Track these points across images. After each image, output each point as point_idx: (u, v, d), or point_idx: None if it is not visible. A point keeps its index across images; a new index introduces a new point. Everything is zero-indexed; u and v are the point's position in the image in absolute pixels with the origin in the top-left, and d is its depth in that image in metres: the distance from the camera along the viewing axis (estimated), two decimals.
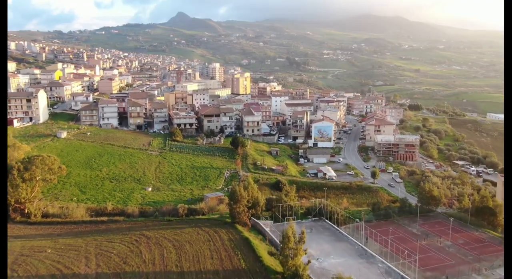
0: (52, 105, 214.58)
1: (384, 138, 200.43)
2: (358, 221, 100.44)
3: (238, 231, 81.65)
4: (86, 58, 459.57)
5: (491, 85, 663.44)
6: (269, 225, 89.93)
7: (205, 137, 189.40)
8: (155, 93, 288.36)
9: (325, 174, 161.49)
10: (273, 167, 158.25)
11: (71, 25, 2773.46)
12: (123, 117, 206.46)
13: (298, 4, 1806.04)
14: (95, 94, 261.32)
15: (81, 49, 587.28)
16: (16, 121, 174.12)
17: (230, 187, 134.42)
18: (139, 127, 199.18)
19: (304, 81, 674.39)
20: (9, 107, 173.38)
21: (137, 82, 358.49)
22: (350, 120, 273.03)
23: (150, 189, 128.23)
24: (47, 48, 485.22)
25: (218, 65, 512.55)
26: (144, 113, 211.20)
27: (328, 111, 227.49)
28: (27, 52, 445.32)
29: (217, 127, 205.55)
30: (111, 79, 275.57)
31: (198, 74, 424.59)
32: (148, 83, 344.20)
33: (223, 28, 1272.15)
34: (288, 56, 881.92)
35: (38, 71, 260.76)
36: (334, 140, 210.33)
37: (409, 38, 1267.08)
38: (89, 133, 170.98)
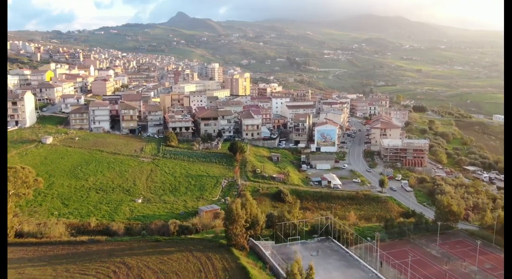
0: (41, 107, 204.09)
1: (391, 143, 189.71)
2: (369, 240, 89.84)
3: (235, 257, 70.92)
4: (82, 58, 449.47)
5: (494, 86, 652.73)
6: (269, 248, 79.23)
7: (201, 142, 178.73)
8: (151, 94, 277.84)
9: (329, 182, 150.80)
10: (274, 175, 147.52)
11: (71, 25, 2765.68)
12: (116, 121, 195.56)
13: (298, 4, 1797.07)
14: (88, 96, 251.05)
15: (77, 49, 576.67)
16: None
17: (227, 198, 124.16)
18: (132, 131, 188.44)
19: (304, 82, 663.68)
20: None
21: (133, 83, 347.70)
22: (353, 122, 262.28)
23: (140, 200, 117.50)
24: (42, 48, 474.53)
25: (217, 65, 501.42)
26: (138, 116, 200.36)
27: (331, 114, 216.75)
28: (22, 52, 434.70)
29: (214, 131, 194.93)
30: (105, 80, 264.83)
31: (196, 75, 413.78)
32: (144, 84, 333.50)
33: (223, 28, 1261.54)
34: (288, 56, 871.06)
35: (28, 72, 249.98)
36: (338, 144, 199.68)
37: (410, 38, 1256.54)
38: (77, 138, 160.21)
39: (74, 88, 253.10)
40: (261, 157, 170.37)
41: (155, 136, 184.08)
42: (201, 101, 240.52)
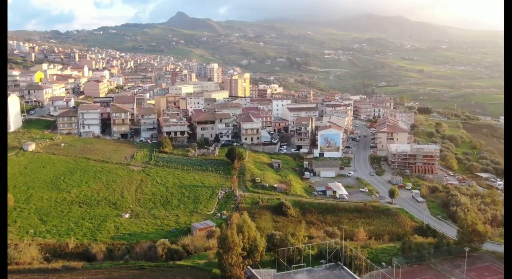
0: (28, 110, 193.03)
1: (399, 148, 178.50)
2: (384, 265, 78.89)
3: None
4: (77, 59, 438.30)
5: (497, 86, 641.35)
6: (270, 277, 68.21)
7: (197, 148, 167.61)
8: (147, 96, 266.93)
9: (334, 192, 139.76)
10: (275, 184, 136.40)
11: (71, 25, 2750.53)
12: (108, 124, 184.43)
13: (298, 3, 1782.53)
14: (80, 97, 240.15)
15: (74, 49, 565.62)
16: None
17: (224, 212, 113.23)
18: (124, 136, 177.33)
19: (305, 82, 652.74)
20: None
21: (129, 84, 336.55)
22: (357, 125, 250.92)
23: (127, 215, 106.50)
24: (37, 48, 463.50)
25: (216, 65, 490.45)
26: (130, 120, 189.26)
27: (335, 117, 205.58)
28: (16, 52, 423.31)
29: (212, 136, 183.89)
30: (98, 81, 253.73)
31: (194, 75, 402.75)
32: (140, 85, 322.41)
33: (223, 28, 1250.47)
34: (288, 56, 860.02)
35: (17, 73, 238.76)
36: (342, 149, 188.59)
37: (411, 38, 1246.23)
38: (63, 145, 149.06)
39: (66, 89, 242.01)
40: (261, 164, 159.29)
41: (148, 141, 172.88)
42: (198, 103, 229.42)
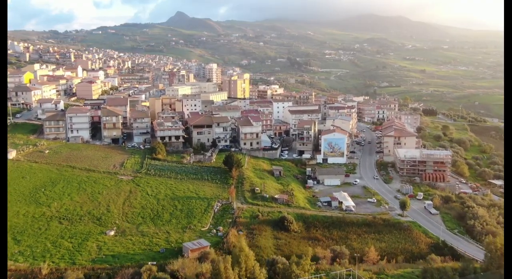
0: (15, 113, 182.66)
1: (407, 153, 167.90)
2: None
3: None
4: (73, 59, 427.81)
5: (501, 87, 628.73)
6: None
7: (193, 154, 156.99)
8: (142, 97, 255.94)
9: (340, 203, 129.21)
10: (276, 195, 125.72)
11: (71, 25, 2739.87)
12: (99, 128, 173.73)
13: (298, 3, 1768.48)
14: (72, 99, 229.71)
15: (70, 49, 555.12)
16: None
17: (220, 228, 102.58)
18: (115, 141, 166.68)
19: (306, 82, 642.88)
20: None
21: (124, 85, 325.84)
22: (362, 128, 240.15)
23: (112, 232, 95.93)
24: (32, 47, 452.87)
25: (215, 65, 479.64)
26: (123, 124, 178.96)
27: (339, 120, 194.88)
28: (10, 51, 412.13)
29: (208, 140, 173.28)
30: (91, 82, 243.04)
31: (192, 76, 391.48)
32: (136, 86, 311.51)
33: (223, 28, 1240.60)
34: (289, 56, 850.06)
35: None
36: (346, 155, 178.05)
37: (412, 38, 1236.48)
38: (47, 151, 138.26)
39: (57, 91, 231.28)
40: (261, 172, 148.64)
41: (141, 146, 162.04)
42: (195, 105, 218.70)
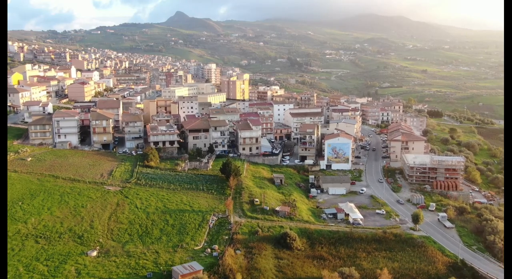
0: None
1: (416, 159, 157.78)
2: None
3: None
4: (68, 59, 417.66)
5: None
6: None
7: (188, 161, 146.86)
8: (137, 99, 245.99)
9: (347, 216, 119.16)
10: (277, 208, 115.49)
11: (71, 25, 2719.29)
12: (89, 133, 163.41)
13: (299, 3, 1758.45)
14: (63, 101, 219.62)
15: (67, 49, 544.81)
16: None
17: (215, 247, 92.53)
18: (106, 146, 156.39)
19: (306, 83, 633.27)
20: None
21: (120, 86, 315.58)
22: (366, 131, 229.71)
23: (94, 253, 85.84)
24: (26, 47, 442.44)
25: (214, 66, 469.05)
26: (114, 127, 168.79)
27: (343, 124, 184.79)
28: None
29: (205, 145, 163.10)
30: (84, 83, 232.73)
31: (190, 76, 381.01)
32: (132, 87, 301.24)
33: (223, 27, 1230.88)
34: (289, 56, 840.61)
35: None
36: (352, 160, 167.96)
37: (412, 38, 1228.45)
38: (30, 159, 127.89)
39: (47, 92, 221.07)
40: (260, 180, 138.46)
41: (132, 152, 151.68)
42: (191, 108, 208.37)
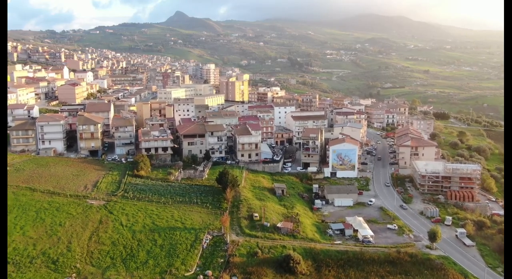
0: None
1: (428, 167, 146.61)
2: None
3: None
4: (63, 59, 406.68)
5: None
6: None
7: (182, 169, 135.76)
8: (132, 101, 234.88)
9: (356, 232, 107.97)
10: (278, 224, 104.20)
11: (70, 25, 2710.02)
12: (76, 138, 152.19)
13: (299, 3, 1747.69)
14: (52, 104, 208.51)
15: (63, 49, 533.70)
16: None
17: (208, 272, 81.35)
18: (94, 153, 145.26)
19: (307, 83, 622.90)
20: None
21: (114, 87, 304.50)
22: (372, 135, 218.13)
23: None
24: (20, 47, 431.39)
25: (213, 66, 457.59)
26: (104, 132, 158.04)
27: (348, 128, 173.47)
28: None
29: (201, 152, 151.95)
30: (75, 85, 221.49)
31: (188, 77, 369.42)
32: (127, 88, 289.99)
33: (222, 27, 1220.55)
34: (289, 56, 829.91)
35: None
36: (358, 167, 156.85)
37: (413, 38, 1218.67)
38: (7, 169, 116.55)
39: (36, 94, 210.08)
40: (260, 191, 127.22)
41: (122, 160, 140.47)
42: (187, 110, 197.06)
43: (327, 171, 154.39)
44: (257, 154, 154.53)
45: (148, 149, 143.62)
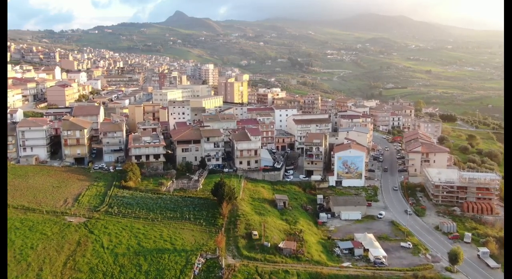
0: None
1: (441, 176, 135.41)
2: None
3: None
4: (58, 59, 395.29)
5: None
6: None
7: (175, 178, 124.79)
8: (126, 103, 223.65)
9: (366, 251, 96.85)
10: (280, 244, 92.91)
11: (70, 25, 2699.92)
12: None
13: (299, 3, 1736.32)
14: (40, 106, 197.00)
15: (58, 49, 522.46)
16: None
17: None
18: (80, 161, 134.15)
19: (308, 84, 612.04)
20: None
21: (109, 88, 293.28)
22: (377, 139, 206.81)
23: None
24: (14, 46, 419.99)
25: (211, 66, 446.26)
26: (92, 138, 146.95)
27: (354, 132, 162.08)
28: None
29: (196, 159, 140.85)
30: (65, 86, 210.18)
31: (185, 78, 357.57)
32: (122, 89, 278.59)
33: (222, 27, 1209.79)
34: (290, 56, 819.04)
35: None
36: (365, 175, 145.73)
37: (414, 38, 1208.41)
38: None
39: (23, 96, 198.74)
40: (260, 204, 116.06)
41: (110, 168, 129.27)
42: (183, 113, 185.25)
43: (332, 179, 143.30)
44: (256, 162, 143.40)
45: (138, 157, 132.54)
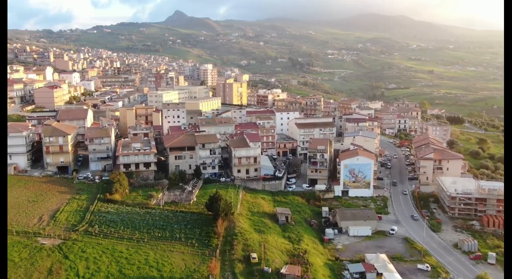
0: None
1: (457, 185, 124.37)
2: None
3: None
4: (52, 59, 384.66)
5: None
6: None
7: (167, 189, 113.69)
8: (119, 104, 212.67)
9: (379, 276, 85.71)
10: (282, 269, 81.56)
11: (70, 25, 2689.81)
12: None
13: (299, 2, 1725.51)
14: (27, 109, 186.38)
15: (53, 48, 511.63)
16: None
17: None
18: (63, 170, 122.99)
19: (309, 84, 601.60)
20: None
21: (103, 89, 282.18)
22: (384, 144, 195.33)
23: None
24: (7, 46, 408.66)
25: (210, 66, 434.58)
26: (77, 145, 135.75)
27: (361, 137, 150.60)
28: None
29: (190, 167, 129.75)
30: (54, 87, 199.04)
31: (183, 78, 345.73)
32: (116, 91, 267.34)
33: (222, 27, 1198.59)
34: (290, 56, 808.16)
35: None
36: (374, 185, 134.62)
37: (415, 38, 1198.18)
38: None
39: (10, 98, 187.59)
40: (259, 219, 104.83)
41: (96, 178, 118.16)
42: (178, 117, 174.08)
43: (338, 189, 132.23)
44: (256, 170, 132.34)
45: (127, 165, 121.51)
